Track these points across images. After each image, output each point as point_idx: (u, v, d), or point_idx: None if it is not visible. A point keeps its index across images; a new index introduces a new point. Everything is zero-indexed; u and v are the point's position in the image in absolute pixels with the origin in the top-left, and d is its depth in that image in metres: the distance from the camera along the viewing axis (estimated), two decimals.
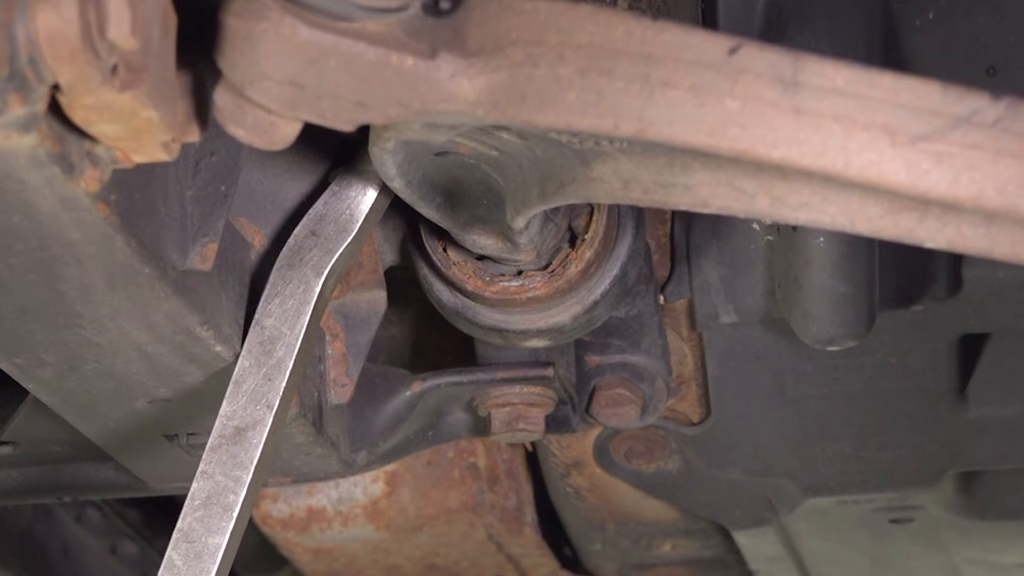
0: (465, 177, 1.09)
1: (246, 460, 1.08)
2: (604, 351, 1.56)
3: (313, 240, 1.14)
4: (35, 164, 0.79)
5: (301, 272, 1.13)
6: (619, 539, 2.08)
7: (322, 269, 1.14)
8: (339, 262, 1.15)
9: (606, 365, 1.56)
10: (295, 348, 1.11)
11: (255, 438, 1.08)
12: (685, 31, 0.87)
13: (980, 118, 0.86)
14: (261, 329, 1.10)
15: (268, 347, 1.10)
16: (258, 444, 1.08)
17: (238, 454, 1.08)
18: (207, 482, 1.08)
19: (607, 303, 1.31)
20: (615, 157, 0.94)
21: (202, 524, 1.08)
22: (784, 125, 0.86)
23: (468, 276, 1.28)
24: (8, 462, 1.44)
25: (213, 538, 1.08)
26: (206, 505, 1.08)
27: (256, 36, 0.85)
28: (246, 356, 1.10)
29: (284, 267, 1.13)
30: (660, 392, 1.59)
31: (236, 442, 1.08)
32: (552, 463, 1.94)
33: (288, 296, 1.12)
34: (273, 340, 1.10)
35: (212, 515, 1.08)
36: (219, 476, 1.08)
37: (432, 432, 1.51)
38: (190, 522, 1.08)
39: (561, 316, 1.31)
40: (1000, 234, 0.89)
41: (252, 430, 1.08)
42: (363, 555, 2.15)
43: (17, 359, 1.04)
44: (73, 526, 2.38)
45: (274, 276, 1.13)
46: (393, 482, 2.05)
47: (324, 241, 1.14)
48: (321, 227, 1.14)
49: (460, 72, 0.89)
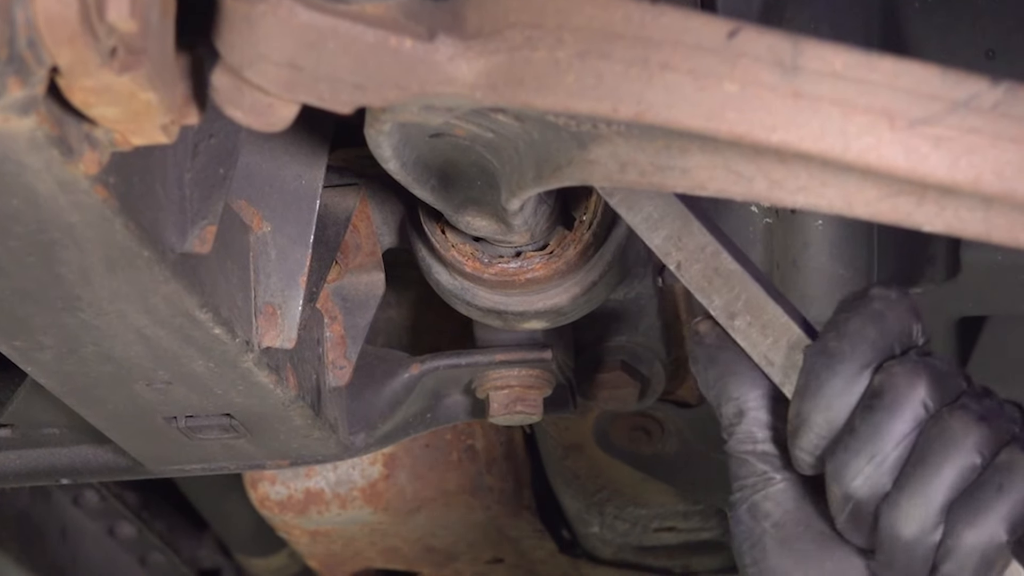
0: (460, 159, 1.09)
1: None
2: (603, 333, 1.56)
3: None
4: (34, 147, 0.79)
5: None
6: (617, 521, 2.08)
7: None
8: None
9: (605, 348, 1.57)
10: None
11: None
12: (684, 14, 0.87)
13: (979, 102, 0.86)
14: None
15: None
16: None
17: None
18: None
19: (606, 285, 1.31)
20: (612, 140, 0.94)
21: None
22: (783, 109, 0.86)
23: (467, 258, 1.28)
24: (6, 445, 1.44)
25: None
26: None
27: (255, 18, 0.84)
28: None
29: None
30: (658, 375, 1.59)
31: None
32: (550, 445, 1.95)
33: None
34: None
35: None
36: None
37: (430, 414, 1.51)
38: None
39: (560, 298, 1.31)
40: (998, 218, 0.89)
41: None
42: (361, 537, 2.15)
43: (15, 342, 1.04)
44: (71, 508, 2.38)
45: None
46: (391, 464, 2.05)
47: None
48: None
49: (458, 55, 0.89)
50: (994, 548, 1.03)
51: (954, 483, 1.03)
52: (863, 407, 1.05)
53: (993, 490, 1.03)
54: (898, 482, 1.05)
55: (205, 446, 1.32)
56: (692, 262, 1.12)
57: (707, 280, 1.12)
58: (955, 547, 1.03)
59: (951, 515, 1.03)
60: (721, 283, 1.12)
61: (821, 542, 1.11)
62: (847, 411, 1.06)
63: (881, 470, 1.05)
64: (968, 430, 1.03)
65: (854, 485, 1.05)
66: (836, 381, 1.06)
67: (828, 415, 1.07)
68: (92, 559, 2.42)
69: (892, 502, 1.05)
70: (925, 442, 1.04)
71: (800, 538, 1.12)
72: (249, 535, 2.43)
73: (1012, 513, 1.02)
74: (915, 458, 1.04)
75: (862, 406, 1.06)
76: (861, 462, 1.05)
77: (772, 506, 1.13)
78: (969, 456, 1.03)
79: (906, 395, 1.05)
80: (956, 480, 1.03)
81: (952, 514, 1.03)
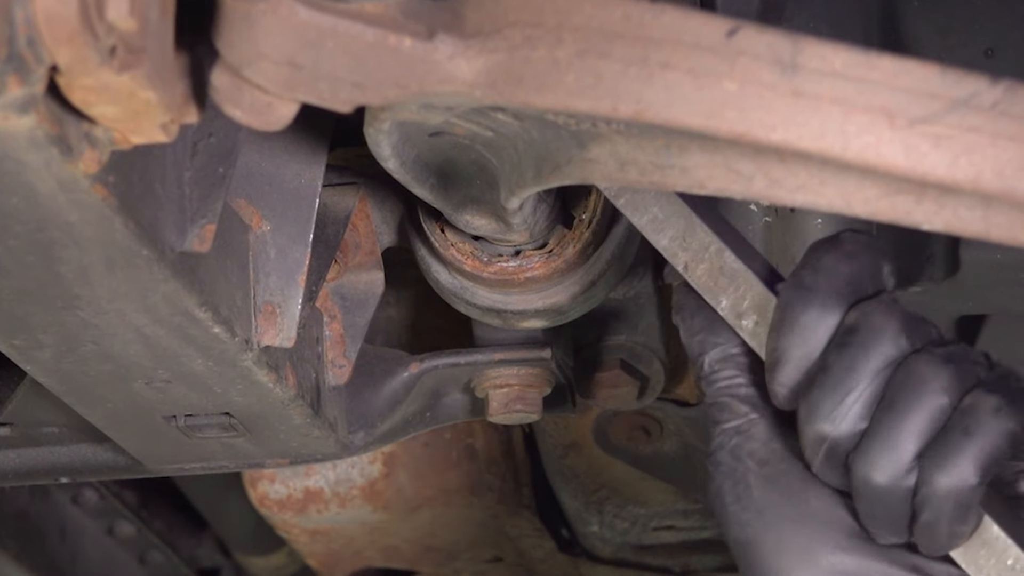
0: (459, 158, 1.09)
1: None
2: (602, 332, 1.56)
3: None
4: (33, 145, 0.79)
5: None
6: (617, 520, 2.08)
7: None
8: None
9: (604, 346, 1.57)
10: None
11: None
12: (683, 13, 0.87)
13: (978, 101, 0.86)
14: None
15: None
16: None
17: None
18: None
19: (605, 284, 1.31)
20: (612, 139, 0.94)
21: None
22: (782, 107, 0.86)
23: (466, 257, 1.29)
24: (5, 443, 1.44)
25: None
26: None
27: (254, 16, 0.84)
28: None
29: None
30: (658, 373, 1.60)
31: None
32: (550, 444, 1.95)
33: None
34: None
35: None
36: None
37: (430, 413, 1.51)
38: None
39: (559, 296, 1.31)
40: (997, 217, 0.89)
41: None
42: (360, 536, 2.15)
43: (15, 340, 1.04)
44: (70, 507, 2.38)
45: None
46: (391, 463, 2.05)
47: None
48: None
49: (458, 53, 0.89)
50: (967, 492, 1.02)
51: (923, 428, 1.03)
52: (837, 344, 1.06)
53: (960, 433, 1.02)
54: (868, 429, 1.05)
55: (204, 445, 1.32)
56: (698, 262, 1.12)
57: (713, 280, 1.12)
58: (929, 494, 1.03)
59: (922, 461, 1.04)
60: (727, 282, 1.12)
61: (806, 480, 1.10)
62: (821, 344, 1.06)
63: (853, 410, 1.04)
64: (936, 373, 1.03)
65: (827, 426, 1.05)
66: (811, 313, 1.06)
67: (804, 348, 1.07)
68: (91, 558, 2.42)
69: (863, 450, 1.05)
70: (894, 386, 1.04)
71: (785, 475, 1.11)
72: (248, 534, 2.43)
73: (980, 455, 1.02)
74: (884, 403, 1.04)
75: (836, 343, 1.06)
76: (835, 400, 1.05)
77: (757, 445, 1.12)
78: (937, 400, 1.03)
79: (880, 332, 1.05)
80: (925, 425, 1.03)
81: (923, 460, 1.03)
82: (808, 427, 1.07)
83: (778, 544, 1.10)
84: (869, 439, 1.05)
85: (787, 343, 1.07)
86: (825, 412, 1.05)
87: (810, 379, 1.07)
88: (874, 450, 1.04)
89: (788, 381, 1.08)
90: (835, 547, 1.09)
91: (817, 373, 1.06)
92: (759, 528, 1.11)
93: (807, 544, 1.10)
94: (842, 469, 1.07)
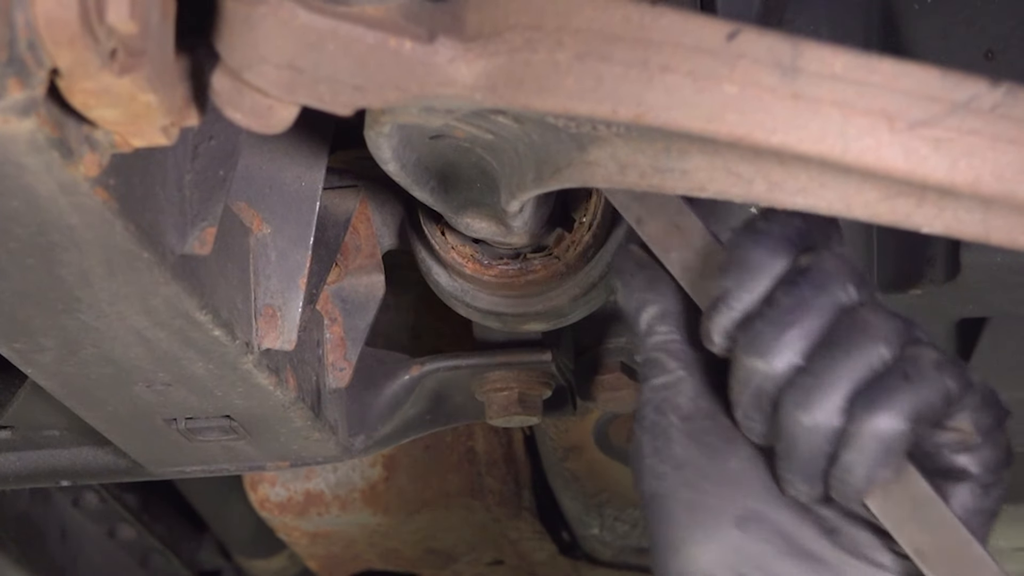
0: (460, 160, 1.09)
1: None
2: (602, 335, 1.56)
3: None
4: (34, 149, 0.79)
5: None
6: (617, 523, 2.08)
7: None
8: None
9: (604, 349, 1.57)
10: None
11: None
12: (684, 16, 0.87)
13: (978, 104, 0.86)
14: None
15: None
16: None
17: None
18: None
19: (605, 287, 1.31)
20: (612, 142, 0.94)
21: None
22: (783, 111, 0.86)
23: (466, 259, 1.29)
24: (6, 447, 1.44)
25: None
26: None
27: (255, 19, 0.85)
28: None
29: None
30: None
31: None
32: (550, 447, 1.95)
33: None
34: None
35: None
36: None
37: (430, 416, 1.51)
38: None
39: (559, 299, 1.31)
40: (997, 220, 0.89)
41: None
42: (361, 539, 2.16)
43: (16, 344, 1.04)
44: (71, 510, 2.39)
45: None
46: (391, 466, 2.05)
47: None
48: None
49: (458, 56, 0.89)
50: (894, 436, 1.00)
51: (861, 371, 1.01)
52: (786, 281, 1.03)
53: (899, 378, 1.00)
54: (803, 367, 1.02)
55: (205, 448, 1.32)
56: (651, 217, 1.10)
57: (665, 233, 1.10)
58: (855, 433, 1.01)
59: (854, 404, 1.01)
60: (679, 237, 1.09)
61: (728, 438, 1.08)
62: (766, 287, 1.04)
63: (793, 346, 1.02)
64: (882, 323, 1.02)
65: (762, 361, 1.02)
66: (760, 252, 1.04)
67: (748, 288, 1.04)
68: (92, 561, 2.42)
69: (795, 385, 1.02)
70: (837, 328, 1.02)
71: (708, 432, 1.09)
72: (249, 537, 2.43)
73: (915, 402, 1.00)
74: (824, 343, 1.02)
75: (785, 280, 1.03)
76: (776, 332, 1.02)
77: (683, 400, 1.09)
78: (878, 348, 1.01)
79: (833, 276, 1.03)
80: (864, 369, 1.01)
81: (855, 400, 1.01)
82: (742, 359, 1.03)
83: (690, 503, 1.08)
84: (803, 375, 1.02)
85: (731, 282, 1.04)
86: (764, 344, 1.02)
87: (753, 314, 1.04)
88: (806, 386, 1.01)
89: (726, 321, 1.05)
90: (745, 513, 1.07)
91: (763, 307, 1.03)
92: (675, 482, 1.08)
93: (719, 506, 1.07)
94: (768, 412, 1.04)
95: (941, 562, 1.03)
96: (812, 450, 1.02)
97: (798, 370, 1.02)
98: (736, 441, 1.08)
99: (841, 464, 1.02)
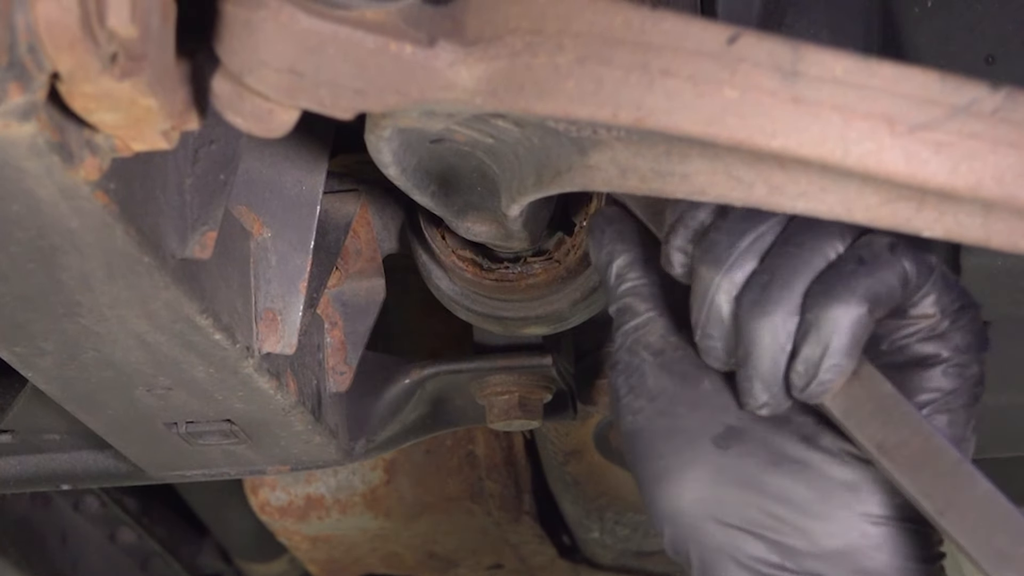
0: (460, 164, 1.09)
1: None
2: (603, 339, 1.56)
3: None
4: (34, 153, 0.79)
5: None
6: (617, 527, 2.08)
7: None
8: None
9: (605, 353, 1.57)
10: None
11: None
12: (684, 20, 0.87)
13: (979, 107, 0.86)
14: None
15: None
16: None
17: None
18: None
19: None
20: (612, 146, 0.94)
21: None
22: (783, 114, 0.86)
23: (467, 263, 1.29)
24: (6, 451, 1.44)
25: None
26: None
27: (255, 23, 0.84)
28: None
29: None
30: None
31: None
32: (551, 451, 1.95)
33: None
34: None
35: None
36: None
37: (431, 420, 1.51)
38: None
39: (560, 303, 1.31)
40: (998, 224, 0.89)
41: None
42: (361, 543, 2.16)
43: (16, 348, 1.04)
44: (71, 514, 2.39)
45: None
46: (392, 470, 2.05)
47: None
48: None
49: (459, 60, 0.89)
50: (856, 322, 1.00)
51: (816, 265, 1.01)
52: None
53: (854, 263, 1.00)
54: (759, 267, 1.02)
55: (205, 452, 1.32)
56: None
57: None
58: (814, 323, 1.00)
59: (811, 292, 1.01)
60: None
61: (700, 364, 1.08)
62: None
63: (751, 250, 1.02)
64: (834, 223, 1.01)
65: (720, 267, 1.03)
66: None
67: (704, 206, 1.05)
68: (93, 565, 2.42)
69: (752, 285, 1.02)
70: (790, 230, 1.02)
71: (679, 362, 1.09)
72: (249, 541, 2.43)
73: (871, 285, 1.00)
74: (778, 245, 1.02)
75: None
76: (732, 239, 1.02)
77: (654, 338, 1.10)
78: (833, 240, 1.01)
79: None
80: (819, 262, 1.01)
81: (812, 290, 1.01)
82: (700, 271, 1.04)
83: (668, 430, 1.08)
84: (758, 275, 1.02)
85: (685, 203, 1.05)
86: (719, 252, 1.03)
87: (710, 226, 1.04)
88: (762, 284, 1.01)
89: (682, 240, 1.05)
90: (723, 431, 1.07)
91: (717, 219, 1.04)
92: (651, 413, 1.09)
93: (697, 428, 1.07)
94: (727, 325, 1.04)
95: (902, 455, 1.02)
96: (773, 350, 1.02)
97: (754, 274, 1.02)
98: (708, 366, 1.08)
99: (802, 358, 1.02)
